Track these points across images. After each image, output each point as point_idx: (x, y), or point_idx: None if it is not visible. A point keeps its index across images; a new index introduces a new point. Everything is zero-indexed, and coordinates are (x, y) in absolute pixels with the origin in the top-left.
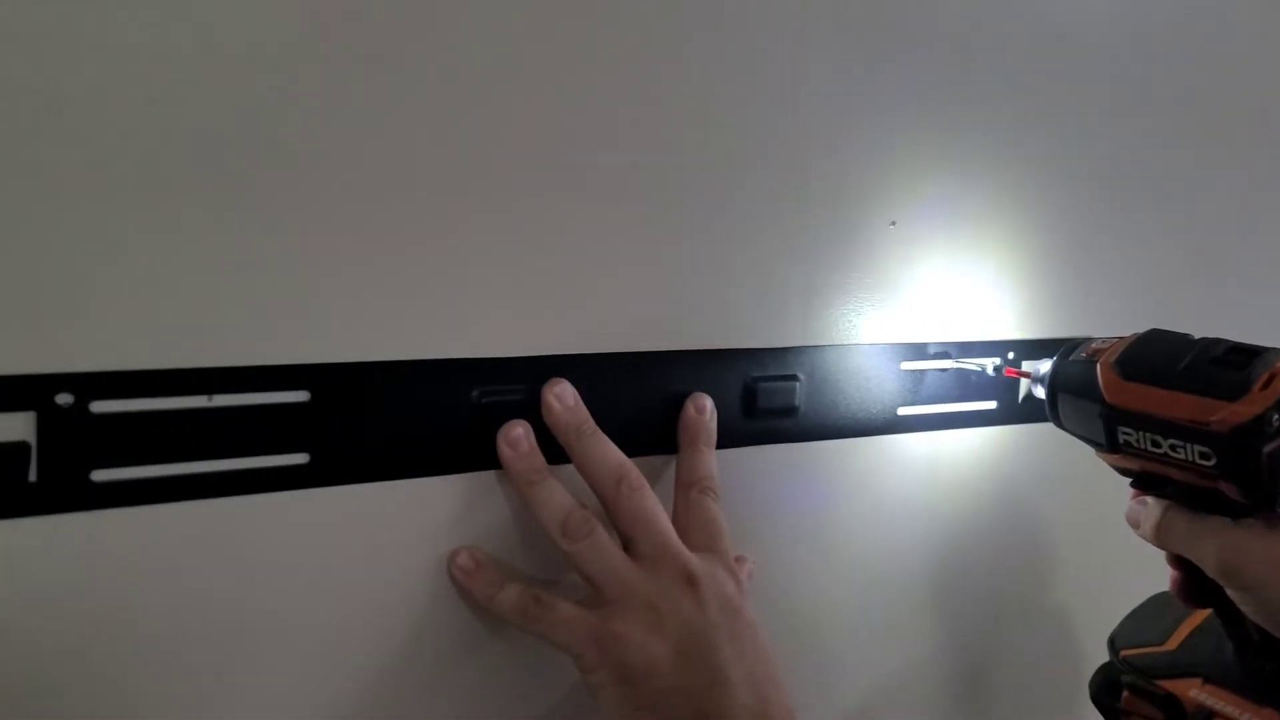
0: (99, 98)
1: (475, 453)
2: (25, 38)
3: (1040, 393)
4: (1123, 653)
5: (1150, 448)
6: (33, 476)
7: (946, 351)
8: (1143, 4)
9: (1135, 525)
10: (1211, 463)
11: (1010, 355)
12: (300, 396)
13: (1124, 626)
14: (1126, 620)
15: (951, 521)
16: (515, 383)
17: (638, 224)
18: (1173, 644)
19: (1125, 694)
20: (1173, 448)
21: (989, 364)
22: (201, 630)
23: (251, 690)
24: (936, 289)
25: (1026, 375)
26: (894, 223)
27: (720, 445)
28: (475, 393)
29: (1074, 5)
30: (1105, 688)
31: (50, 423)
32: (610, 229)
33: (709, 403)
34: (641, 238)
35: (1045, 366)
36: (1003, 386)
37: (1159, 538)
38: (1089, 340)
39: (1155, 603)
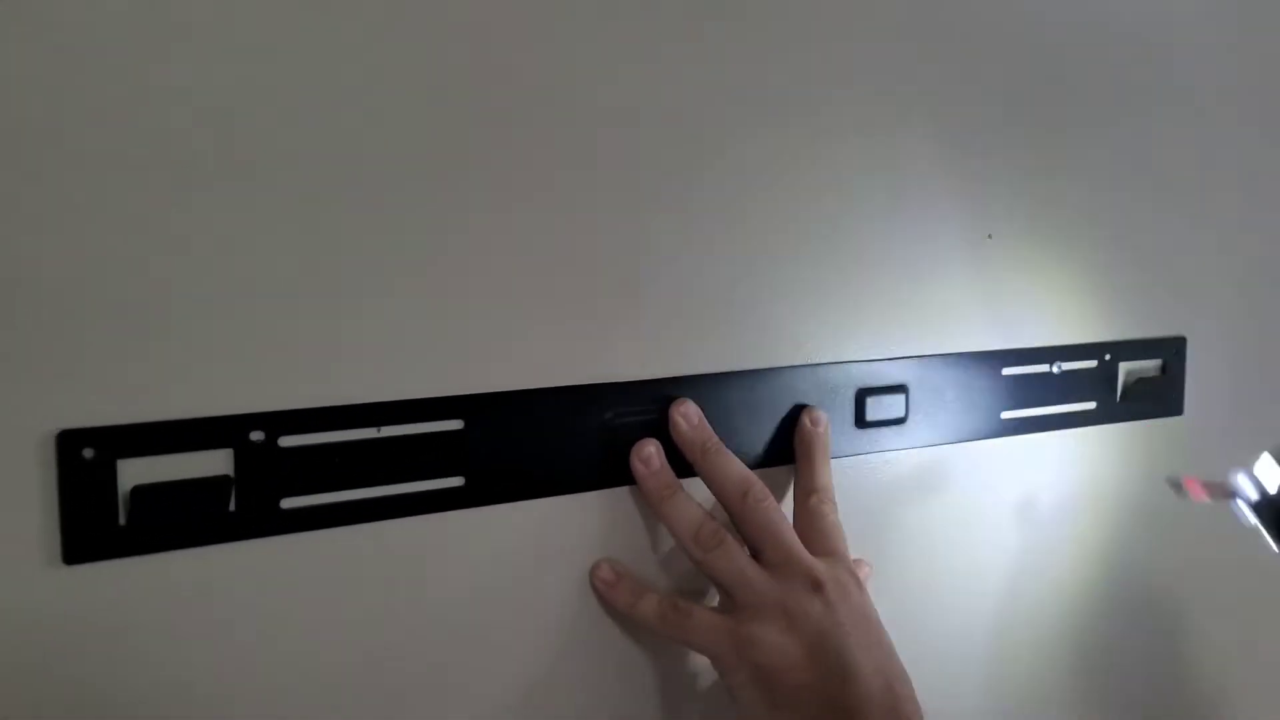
0: (267, 156)
1: (610, 471)
2: (192, 113)
3: (1249, 516)
4: None
5: None
6: (232, 506)
7: (1052, 360)
8: (1228, 10)
9: None
10: None
11: (1108, 356)
12: (455, 425)
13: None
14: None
15: (1058, 519)
16: (644, 404)
17: (753, 251)
18: None
19: None
20: None
21: (1169, 483)
22: (377, 638)
23: (425, 688)
24: (1033, 297)
25: (1225, 494)
26: (990, 235)
27: (834, 455)
28: (608, 415)
29: (1160, 18)
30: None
31: (245, 457)
32: (726, 257)
33: (823, 415)
34: (756, 263)
35: (1248, 490)
36: (1101, 386)
37: None
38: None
39: None
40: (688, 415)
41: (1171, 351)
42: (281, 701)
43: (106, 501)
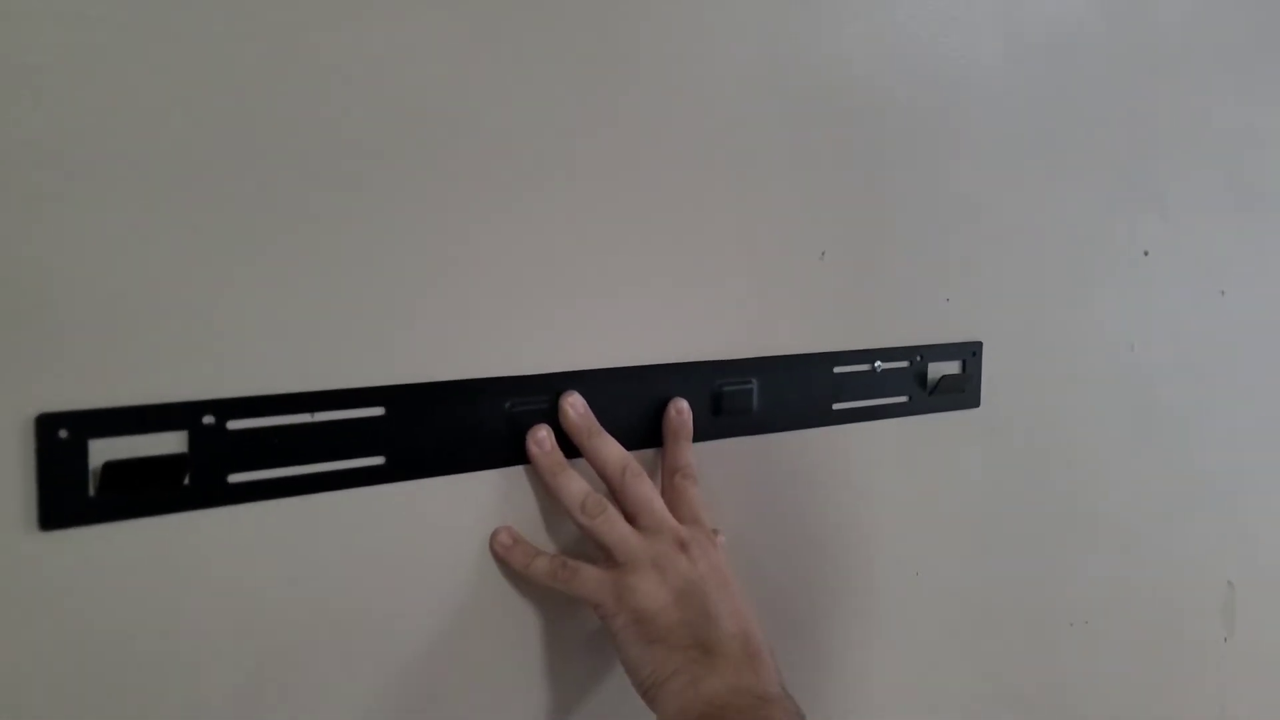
0: (222, 173)
1: (509, 452)
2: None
3: None
4: None
5: None
6: (186, 481)
7: (873, 360)
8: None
9: None
10: None
11: (919, 358)
12: (377, 411)
13: None
14: None
15: (878, 492)
16: (538, 395)
17: (630, 266)
18: None
19: None
20: None
21: None
22: (311, 593)
23: (352, 634)
24: (858, 306)
25: None
26: (824, 254)
27: (695, 439)
28: (508, 404)
29: (961, 72)
30: None
31: (198, 438)
32: (607, 271)
33: (686, 405)
34: (630, 278)
35: None
36: (913, 383)
37: None
38: None
39: None
40: (575, 405)
41: (969, 353)
42: (224, 649)
43: (79, 475)
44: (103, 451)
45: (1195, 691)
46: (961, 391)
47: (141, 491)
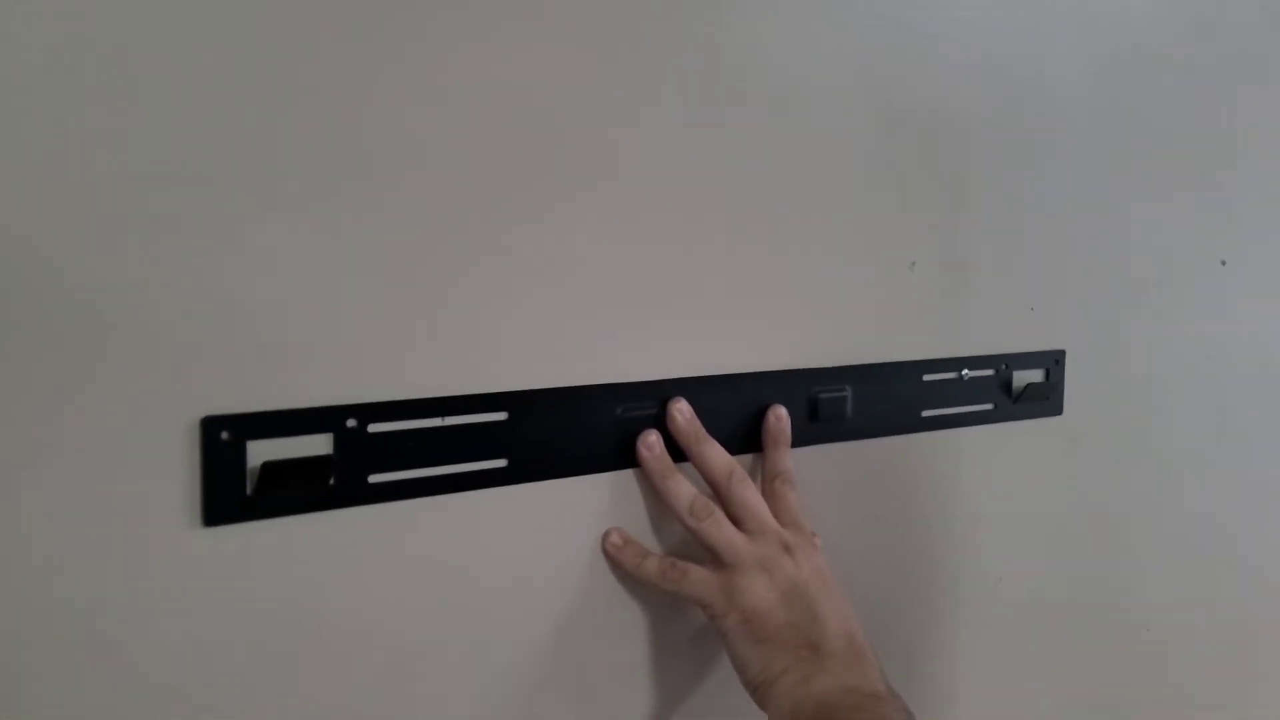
0: (363, 206)
1: (620, 456)
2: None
3: None
4: None
5: None
6: (331, 481)
7: (960, 368)
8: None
9: None
10: None
11: (1004, 366)
12: (501, 416)
13: None
14: None
15: (964, 497)
16: (648, 401)
17: (734, 282)
18: None
19: None
20: None
21: None
22: (441, 588)
23: (475, 626)
24: (946, 316)
25: None
26: (913, 264)
27: (792, 445)
28: (619, 409)
29: (1041, 90)
30: None
31: (343, 441)
32: (712, 282)
33: (785, 412)
34: (733, 291)
35: None
36: (999, 390)
37: None
38: None
39: None
40: (683, 411)
41: (1053, 361)
42: (365, 639)
43: (238, 475)
44: (258, 453)
45: (1269, 697)
46: (1045, 399)
47: (293, 490)
